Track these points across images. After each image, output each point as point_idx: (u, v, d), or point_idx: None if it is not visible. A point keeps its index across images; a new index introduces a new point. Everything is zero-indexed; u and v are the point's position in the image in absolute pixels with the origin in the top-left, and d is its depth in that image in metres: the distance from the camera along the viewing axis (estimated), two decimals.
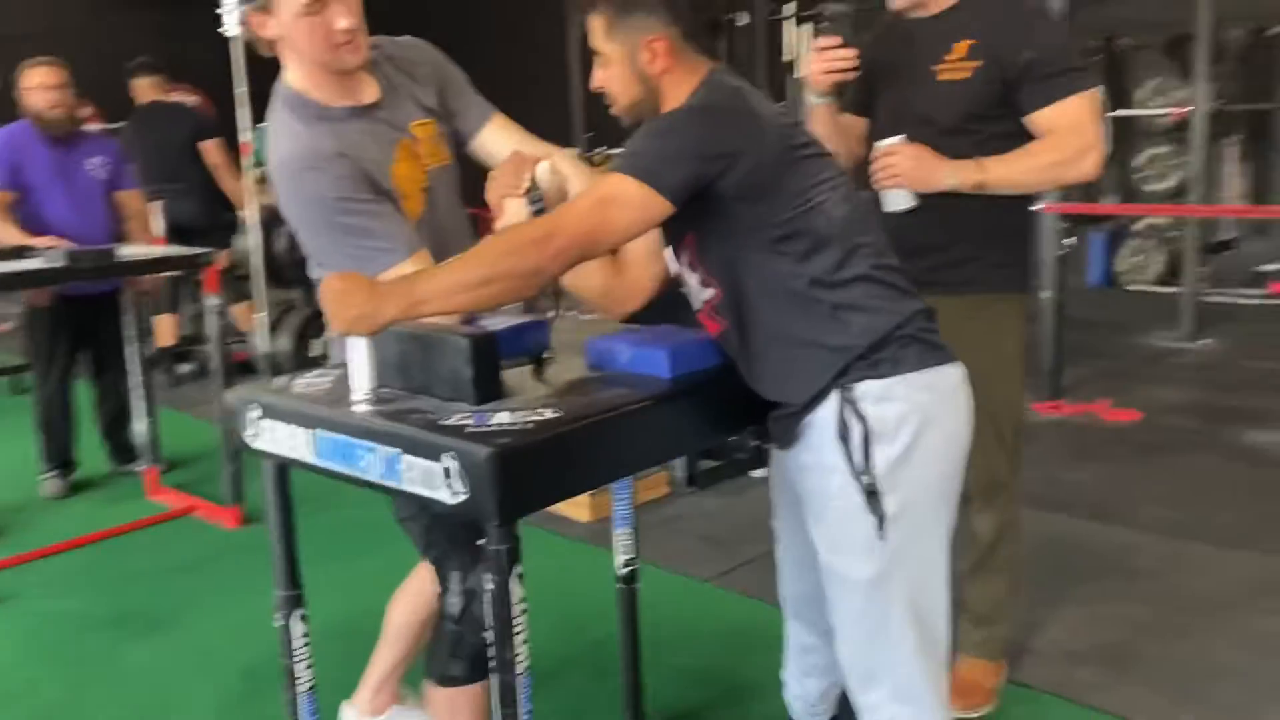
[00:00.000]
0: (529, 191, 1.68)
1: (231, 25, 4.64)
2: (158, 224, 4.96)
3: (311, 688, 1.81)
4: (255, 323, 5.03)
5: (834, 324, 1.57)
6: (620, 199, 1.50)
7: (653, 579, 2.26)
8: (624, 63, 1.67)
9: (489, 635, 1.83)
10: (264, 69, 1.95)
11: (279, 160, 1.76)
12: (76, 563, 3.51)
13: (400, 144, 1.83)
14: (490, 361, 1.52)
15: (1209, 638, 2.71)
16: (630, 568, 2.29)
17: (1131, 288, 7.88)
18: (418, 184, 1.84)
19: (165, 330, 5.72)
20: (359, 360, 1.54)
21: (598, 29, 1.68)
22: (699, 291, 1.68)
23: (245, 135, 4.93)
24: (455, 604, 1.85)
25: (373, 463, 1.47)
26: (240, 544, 3.62)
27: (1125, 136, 7.77)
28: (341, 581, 3.04)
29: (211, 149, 5.37)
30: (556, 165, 1.73)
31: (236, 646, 2.86)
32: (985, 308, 2.28)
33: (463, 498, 1.35)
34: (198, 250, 3.70)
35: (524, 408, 1.47)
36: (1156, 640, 2.70)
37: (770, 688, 2.13)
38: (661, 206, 1.51)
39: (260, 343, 5.02)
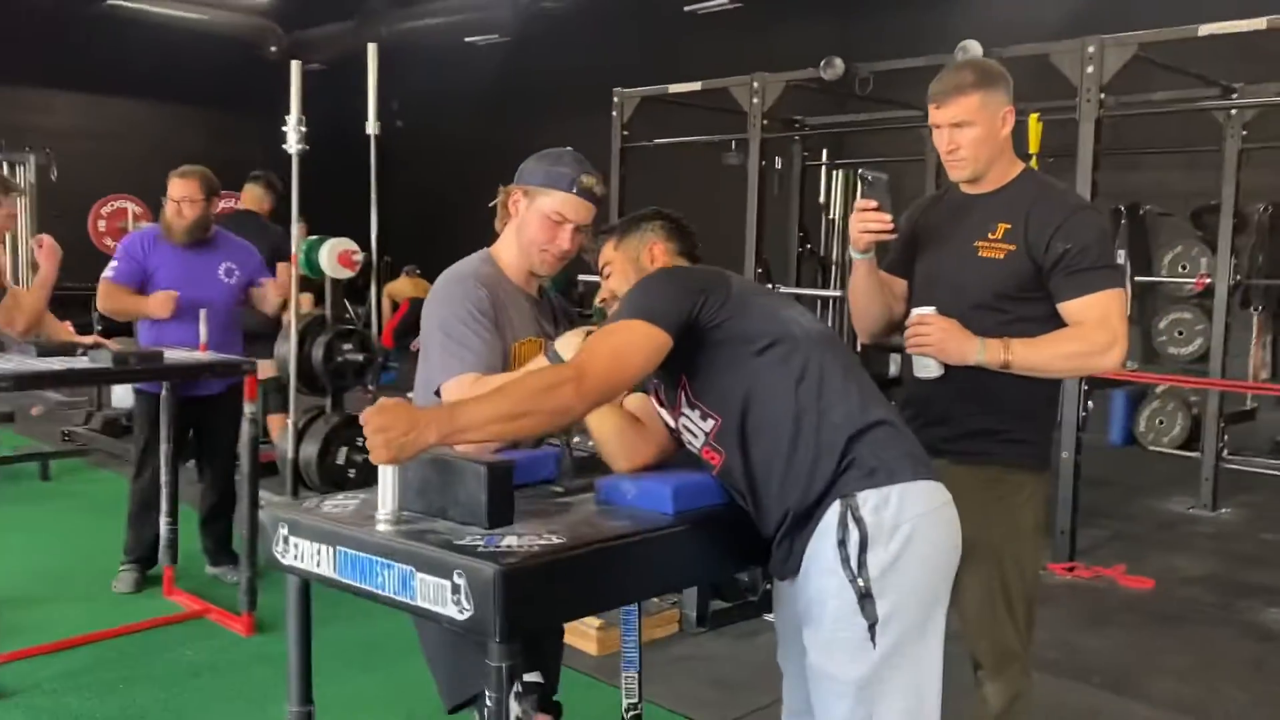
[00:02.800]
0: (589, 333, 1.92)
1: (293, 143, 4.88)
2: None
3: None
4: (283, 430, 5.12)
5: (817, 417, 1.73)
6: (631, 340, 1.72)
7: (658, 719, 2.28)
8: (629, 264, 2.02)
9: None
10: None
11: (451, 273, 2.18)
12: (86, 659, 3.52)
13: (534, 339, 2.16)
14: (504, 489, 1.61)
15: None
16: (635, 712, 2.30)
17: (1152, 448, 7.90)
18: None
19: (275, 427, 5.80)
20: (385, 482, 1.62)
21: (609, 247, 2.06)
22: (699, 427, 1.82)
23: (294, 246, 5.12)
24: None
25: (389, 579, 1.55)
26: (252, 652, 3.63)
27: (1148, 301, 7.90)
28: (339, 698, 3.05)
29: (284, 269, 5.82)
30: None
31: None
32: (1001, 481, 2.32)
33: (469, 614, 1.43)
34: (239, 359, 3.82)
35: (530, 533, 1.56)
36: None
37: None
38: (663, 339, 1.73)
39: (288, 448, 5.09)
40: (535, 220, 2.15)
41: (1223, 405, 6.23)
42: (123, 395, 7.23)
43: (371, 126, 5.30)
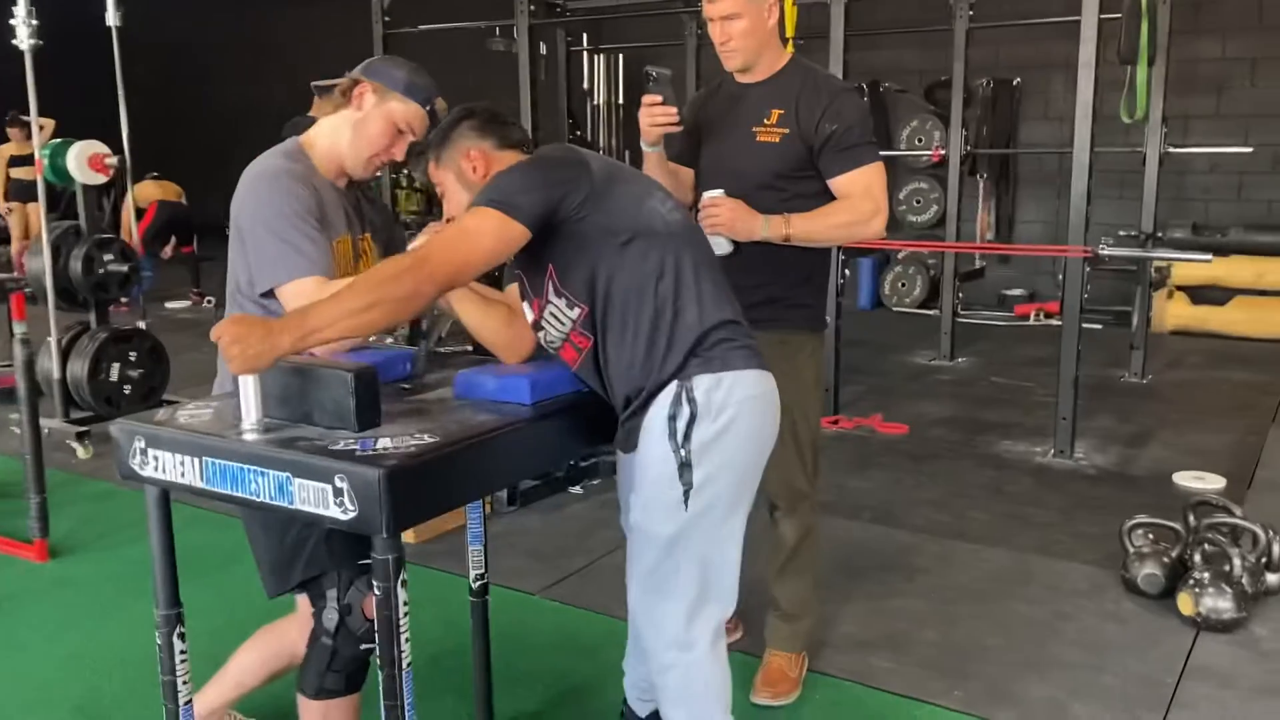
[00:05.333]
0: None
1: (24, 37, 4.50)
2: None
3: (188, 702, 1.89)
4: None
5: (673, 316, 1.85)
6: (482, 227, 1.73)
7: None
8: (456, 181, 1.97)
9: (364, 648, 1.99)
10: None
11: (263, 168, 2.03)
12: None
13: (350, 238, 2.11)
14: (371, 392, 1.65)
15: (975, 624, 3.13)
16: (482, 581, 2.44)
17: (896, 309, 8.65)
18: (343, 271, 2.04)
19: None
20: (247, 392, 1.65)
21: (432, 167, 1.99)
22: (566, 315, 1.89)
23: (37, 151, 4.76)
24: (331, 619, 1.97)
25: (264, 486, 1.59)
26: (51, 578, 3.53)
27: (889, 173, 8.51)
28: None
29: None
30: None
31: (66, 682, 2.83)
32: (787, 342, 2.59)
33: (353, 514, 1.51)
34: (4, 276, 3.59)
35: (402, 433, 1.63)
36: (932, 628, 3.11)
37: (601, 687, 2.32)
38: (519, 231, 1.75)
39: (53, 367, 4.82)
40: (381, 122, 2.08)
41: (957, 266, 6.89)
42: None
43: (111, 18, 4.94)
